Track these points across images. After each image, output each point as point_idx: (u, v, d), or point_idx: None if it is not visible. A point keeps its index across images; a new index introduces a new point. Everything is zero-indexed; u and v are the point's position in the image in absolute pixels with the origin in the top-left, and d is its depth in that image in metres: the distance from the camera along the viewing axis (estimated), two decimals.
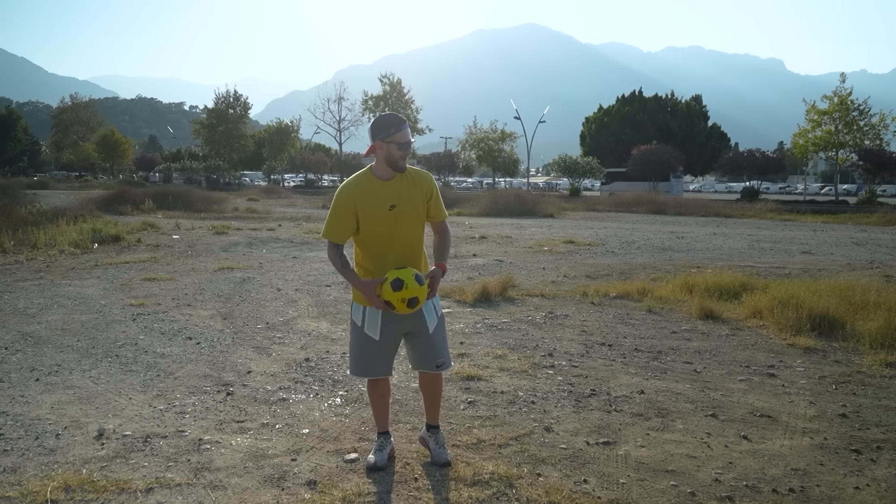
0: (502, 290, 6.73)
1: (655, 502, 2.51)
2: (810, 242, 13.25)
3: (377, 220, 2.62)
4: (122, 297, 6.63)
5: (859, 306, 5.46)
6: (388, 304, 2.57)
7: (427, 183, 2.71)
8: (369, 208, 2.60)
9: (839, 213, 24.63)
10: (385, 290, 2.56)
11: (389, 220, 2.61)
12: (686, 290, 6.67)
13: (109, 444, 3.01)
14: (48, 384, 3.87)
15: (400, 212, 2.62)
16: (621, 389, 3.86)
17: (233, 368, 4.24)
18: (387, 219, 2.61)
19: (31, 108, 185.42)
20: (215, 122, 52.68)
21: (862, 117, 33.15)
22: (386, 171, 2.63)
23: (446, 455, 2.84)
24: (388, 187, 2.62)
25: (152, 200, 20.82)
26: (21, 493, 2.52)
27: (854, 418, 3.43)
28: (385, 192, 2.62)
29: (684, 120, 51.06)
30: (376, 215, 2.61)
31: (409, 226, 2.66)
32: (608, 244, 12.41)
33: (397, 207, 2.61)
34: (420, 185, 2.68)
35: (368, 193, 2.62)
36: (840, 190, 41.15)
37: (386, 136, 2.57)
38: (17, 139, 75.12)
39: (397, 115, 2.66)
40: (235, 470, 2.75)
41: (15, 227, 11.58)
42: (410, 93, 48.21)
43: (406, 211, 2.63)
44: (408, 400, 3.66)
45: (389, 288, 2.55)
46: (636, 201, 26.41)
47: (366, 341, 2.72)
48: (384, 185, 2.63)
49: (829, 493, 2.60)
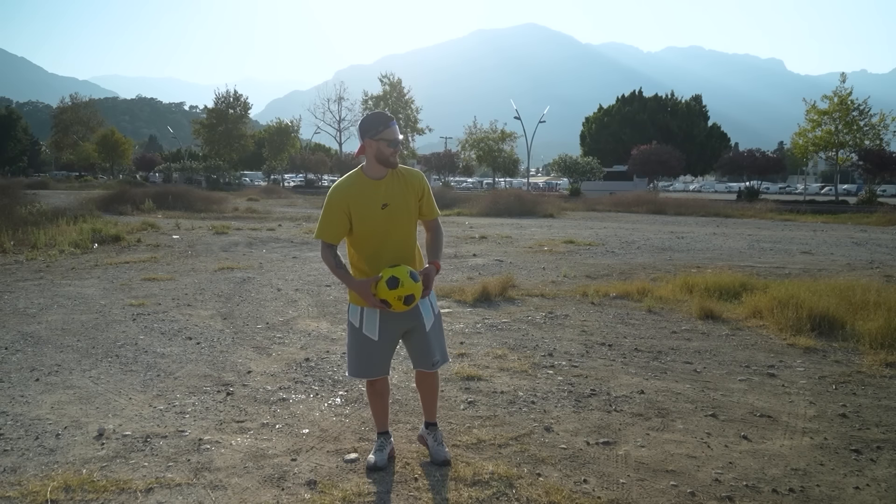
0: (502, 290, 6.73)
1: (655, 502, 2.51)
2: (810, 242, 13.25)
3: (370, 219, 2.62)
4: (122, 297, 6.63)
5: (859, 306, 5.46)
6: (385, 302, 2.58)
7: (418, 181, 2.72)
8: (362, 208, 2.61)
9: (839, 213, 24.64)
10: (381, 288, 2.56)
11: (382, 218, 2.62)
12: (686, 290, 6.67)
13: (109, 444, 3.01)
14: (48, 384, 3.88)
15: (392, 210, 2.63)
16: (621, 389, 3.86)
17: (233, 368, 4.24)
18: (380, 218, 2.62)
19: (31, 108, 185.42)
20: (215, 122, 52.68)
21: (862, 117, 33.13)
22: (377, 170, 2.64)
23: (445, 453, 2.85)
24: (380, 186, 2.63)
25: (152, 200, 20.83)
26: (21, 492, 2.53)
27: (854, 418, 3.43)
28: (377, 191, 2.63)
29: (684, 120, 51.08)
30: (369, 214, 2.62)
31: (401, 224, 2.67)
32: (608, 244, 12.41)
33: (390, 206, 2.63)
34: (411, 184, 2.69)
35: (360, 193, 2.63)
36: (840, 190, 41.15)
37: (375, 133, 2.59)
38: (17, 139, 75.14)
39: (385, 113, 2.68)
40: (235, 470, 2.75)
41: (15, 227, 11.58)
42: (410, 93, 48.23)
43: (398, 209, 2.64)
44: (408, 400, 3.65)
45: (385, 286, 2.55)
46: (636, 201, 26.44)
47: (364, 342, 2.72)
48: (376, 185, 2.63)
49: (829, 493, 2.60)
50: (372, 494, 2.56)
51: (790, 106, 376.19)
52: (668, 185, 67.11)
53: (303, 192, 41.74)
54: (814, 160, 38.89)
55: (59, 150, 66.98)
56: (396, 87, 46.99)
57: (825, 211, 25.56)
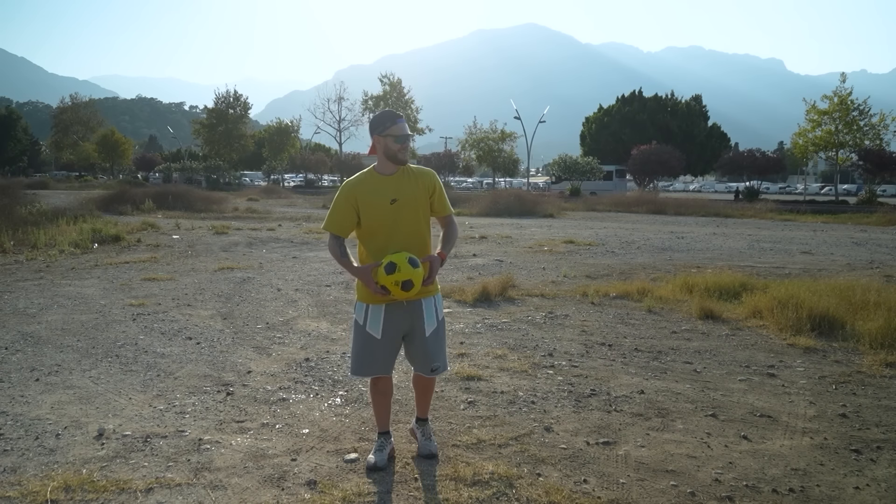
0: (502, 290, 6.73)
1: (655, 502, 2.52)
2: (810, 242, 13.26)
3: (378, 213, 2.68)
4: (122, 297, 6.63)
5: (859, 306, 5.47)
6: (384, 288, 2.60)
7: (429, 178, 2.78)
8: (370, 202, 2.68)
9: (839, 213, 24.65)
10: (379, 273, 2.59)
11: (391, 213, 2.68)
12: (686, 290, 6.67)
13: (109, 444, 3.01)
14: (48, 384, 3.88)
15: (401, 205, 2.68)
16: (621, 389, 3.86)
17: (233, 368, 4.24)
18: (388, 212, 2.68)
19: (31, 108, 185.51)
20: (215, 122, 52.72)
21: (862, 117, 33.15)
22: (387, 167, 2.71)
23: (432, 446, 2.90)
24: (390, 182, 2.70)
25: (152, 200, 20.85)
26: (21, 492, 2.53)
27: (854, 418, 3.44)
28: (386, 186, 2.69)
29: (684, 120, 51.12)
30: (377, 209, 2.68)
31: (410, 219, 2.71)
32: (608, 244, 12.42)
33: (399, 201, 2.68)
34: (422, 180, 2.75)
35: (370, 188, 2.70)
36: (840, 190, 41.17)
37: (382, 130, 2.67)
38: (17, 139, 75.35)
39: (392, 111, 2.76)
40: (235, 470, 2.76)
41: (15, 227, 11.59)
42: (410, 93, 48.21)
43: (407, 205, 2.69)
44: (408, 400, 3.65)
45: (383, 271, 2.58)
46: (636, 201, 26.46)
47: (367, 339, 2.74)
48: (386, 180, 2.70)
49: (829, 493, 2.60)
50: (372, 494, 2.56)
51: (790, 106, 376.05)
52: (669, 184, 67.45)
53: (303, 192, 41.74)
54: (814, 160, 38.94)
55: (59, 150, 66.99)
56: (396, 87, 46.98)
57: (825, 211, 25.57)
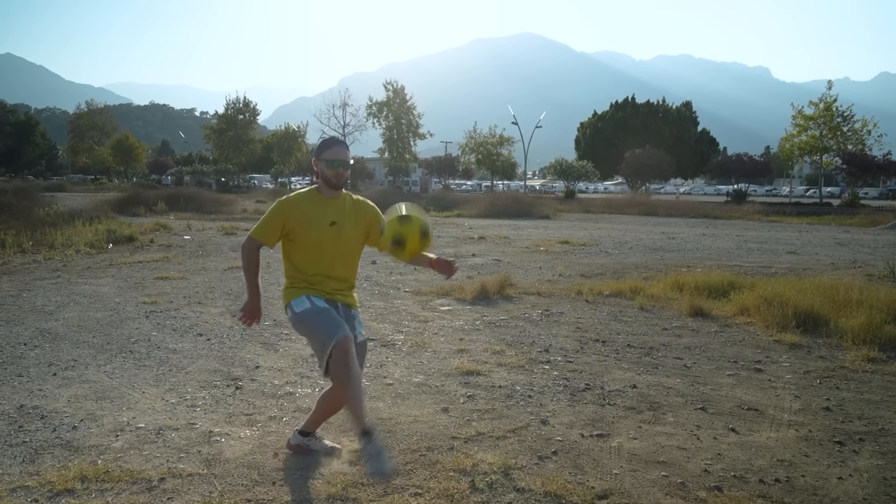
0: (500, 289, 6.83)
1: (647, 492, 2.59)
2: (796, 243, 13.49)
3: (317, 233, 2.69)
4: (135, 295, 6.68)
5: (842, 304, 5.59)
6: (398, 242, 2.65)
7: (370, 212, 2.83)
8: (308, 221, 2.69)
9: (823, 214, 25.03)
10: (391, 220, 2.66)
11: (331, 234, 2.71)
12: (677, 288, 6.80)
13: (124, 436, 3.08)
14: (65, 378, 3.94)
15: (340, 229, 2.73)
16: (614, 384, 3.96)
17: (241, 364, 4.31)
18: (328, 233, 2.71)
19: (49, 114, 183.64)
20: (225, 128, 53.03)
21: (845, 123, 33.68)
22: (327, 190, 2.75)
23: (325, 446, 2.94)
24: (330, 205, 2.73)
25: (164, 202, 20.98)
26: (39, 482, 2.60)
27: (837, 411, 3.55)
28: (326, 209, 2.72)
29: (675, 125, 51.67)
30: (317, 229, 2.69)
31: (348, 244, 2.77)
32: (602, 244, 12.56)
33: (338, 224, 2.72)
34: (362, 212, 2.80)
35: (308, 207, 2.71)
36: (824, 192, 41.70)
37: (318, 154, 2.72)
38: (36, 144, 76.73)
39: (335, 137, 2.78)
40: (244, 461, 2.84)
41: (33, 228, 11.72)
42: (413, 99, 48.17)
43: (345, 229, 2.74)
44: (407, 395, 3.75)
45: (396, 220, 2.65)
46: (629, 203, 26.69)
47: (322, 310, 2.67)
48: (326, 202, 2.73)
49: (813, 484, 2.69)
50: (373, 486, 2.61)
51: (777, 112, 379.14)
52: (660, 187, 68.16)
53: None
54: (799, 164, 39.40)
55: (76, 154, 67.96)
56: (399, 94, 46.92)
57: (810, 213, 25.91)
